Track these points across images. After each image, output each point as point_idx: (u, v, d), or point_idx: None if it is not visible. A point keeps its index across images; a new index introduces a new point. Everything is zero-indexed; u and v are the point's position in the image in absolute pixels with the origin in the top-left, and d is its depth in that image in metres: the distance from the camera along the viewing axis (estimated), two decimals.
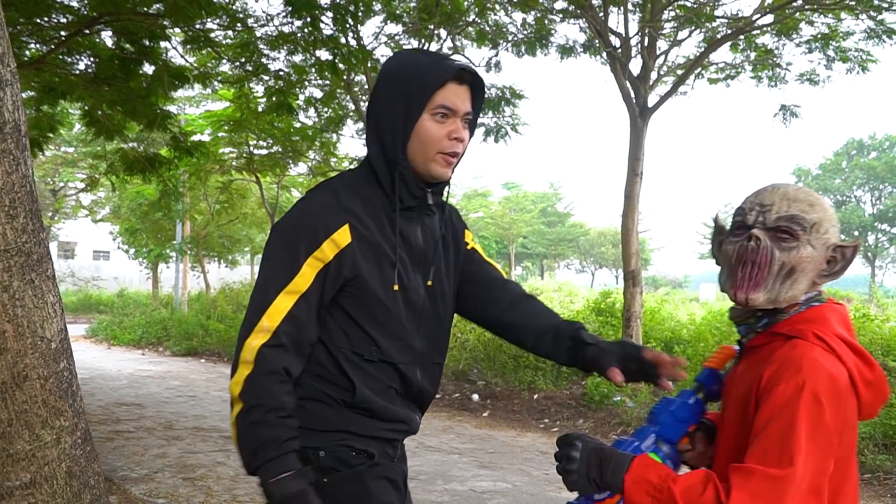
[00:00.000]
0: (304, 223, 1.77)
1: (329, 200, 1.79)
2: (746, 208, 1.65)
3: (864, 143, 51.67)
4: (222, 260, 26.05)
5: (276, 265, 1.76)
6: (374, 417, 1.84)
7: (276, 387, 1.70)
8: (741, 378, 1.63)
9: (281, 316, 1.71)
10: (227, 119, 14.34)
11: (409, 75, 1.81)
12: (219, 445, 7.64)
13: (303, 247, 1.74)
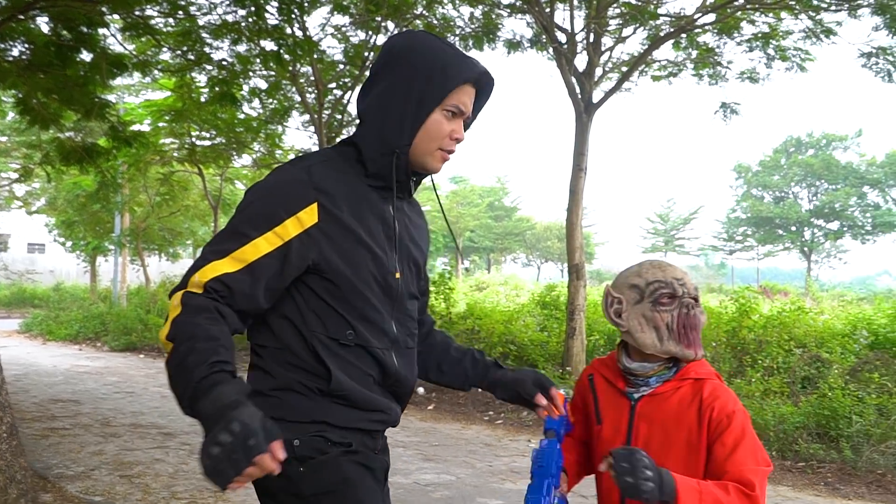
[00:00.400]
0: (270, 197, 1.70)
1: (301, 176, 1.71)
2: (669, 282, 1.92)
3: (802, 141, 53.04)
4: (163, 253, 25.60)
5: (229, 231, 1.70)
6: (351, 406, 1.75)
7: (205, 321, 1.55)
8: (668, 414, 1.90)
9: (215, 273, 1.62)
10: (168, 109, 14.06)
11: (433, 64, 1.75)
12: (157, 442, 7.50)
13: (262, 219, 1.67)
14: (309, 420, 1.72)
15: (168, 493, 5.78)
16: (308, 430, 1.71)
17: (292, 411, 1.71)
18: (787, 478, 6.68)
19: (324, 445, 1.72)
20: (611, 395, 2.01)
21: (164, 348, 1.57)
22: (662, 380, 1.93)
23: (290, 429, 1.68)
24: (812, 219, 50.63)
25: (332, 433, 1.73)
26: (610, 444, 1.92)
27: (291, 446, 1.66)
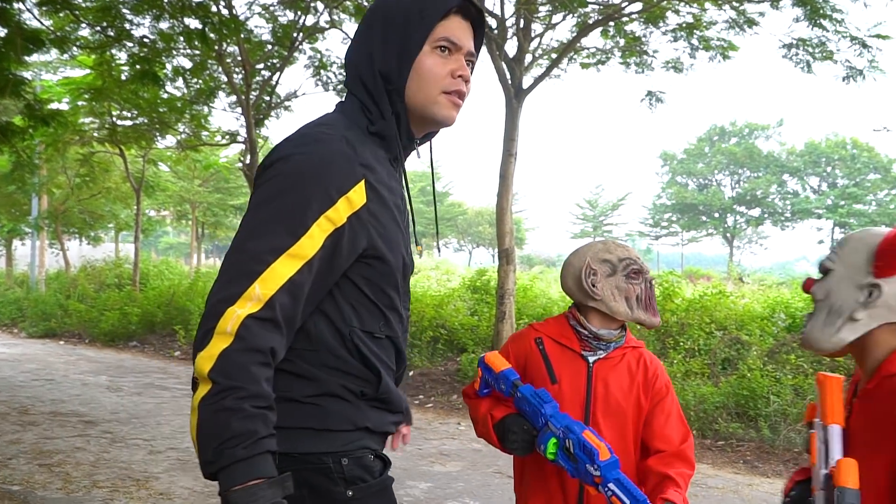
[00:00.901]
0: (319, 172, 1.43)
1: (345, 149, 1.47)
2: (635, 259, 2.19)
3: (726, 130, 54.52)
4: (84, 237, 24.81)
5: (276, 216, 1.40)
6: (385, 409, 1.59)
7: (259, 369, 1.33)
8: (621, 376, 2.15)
9: (279, 283, 1.36)
10: (88, 87, 13.59)
11: (408, 4, 1.58)
12: (78, 430, 7.31)
13: (315, 202, 1.41)
14: (353, 428, 1.52)
15: (89, 481, 5.65)
16: (352, 441, 1.52)
17: (335, 419, 1.50)
18: (706, 456, 6.88)
19: (370, 462, 1.55)
20: (566, 357, 2.17)
21: (197, 373, 1.34)
22: (617, 345, 2.19)
23: (335, 440, 1.50)
24: (734, 205, 52.15)
25: (369, 440, 1.56)
26: (570, 405, 2.10)
27: (340, 465, 1.49)
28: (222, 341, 1.32)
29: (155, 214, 29.29)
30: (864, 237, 1.67)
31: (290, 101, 13.20)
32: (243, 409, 1.30)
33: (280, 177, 1.44)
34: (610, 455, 1.82)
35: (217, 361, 1.31)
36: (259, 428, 1.31)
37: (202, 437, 1.31)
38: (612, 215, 58.09)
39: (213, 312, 1.35)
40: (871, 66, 9.61)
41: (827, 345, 1.66)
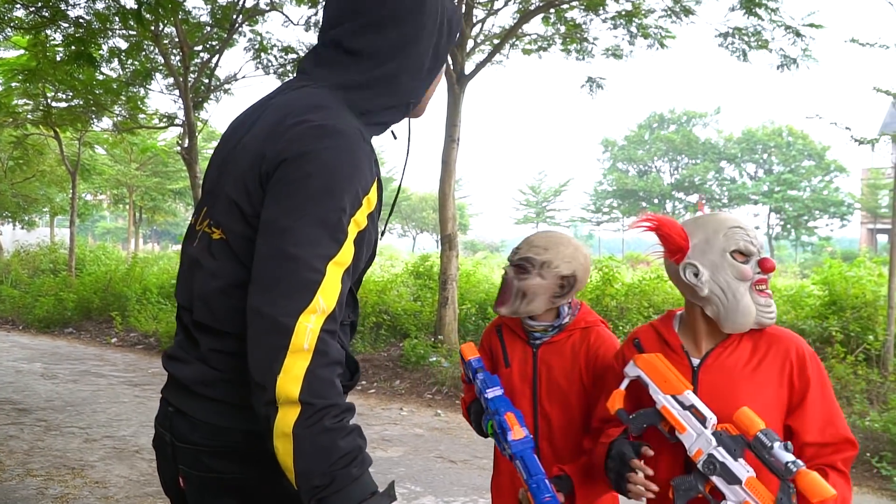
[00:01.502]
0: (350, 170, 1.36)
1: (365, 146, 1.41)
2: (513, 250, 2.29)
3: (665, 118, 55.38)
4: (17, 221, 24.14)
5: (319, 221, 1.32)
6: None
7: (339, 383, 1.30)
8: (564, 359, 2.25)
9: (337, 293, 1.31)
10: (22, 68, 13.17)
11: (447, 15, 1.59)
12: (11, 418, 7.15)
13: (348, 203, 1.34)
14: None
15: (23, 469, 5.55)
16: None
17: None
18: None
19: None
20: (517, 344, 2.34)
21: (280, 396, 1.25)
22: (553, 332, 2.28)
23: None
24: (673, 191, 53.09)
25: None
26: (520, 388, 2.28)
27: None
28: (302, 359, 1.25)
29: (91, 198, 28.64)
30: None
31: (229, 85, 12.99)
32: (345, 427, 1.27)
33: (313, 177, 1.34)
34: (524, 435, 2.02)
35: (305, 382, 1.24)
36: (361, 443, 1.30)
37: (305, 463, 1.25)
38: (554, 201, 58.63)
39: (284, 328, 1.26)
40: (804, 55, 9.87)
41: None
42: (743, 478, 1.63)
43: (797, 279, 16.10)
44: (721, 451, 1.66)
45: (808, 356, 1.81)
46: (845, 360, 7.25)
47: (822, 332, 7.93)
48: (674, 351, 1.91)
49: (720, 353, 1.85)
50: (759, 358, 1.82)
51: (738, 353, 1.84)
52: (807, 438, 1.75)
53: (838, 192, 46.54)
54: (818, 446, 1.74)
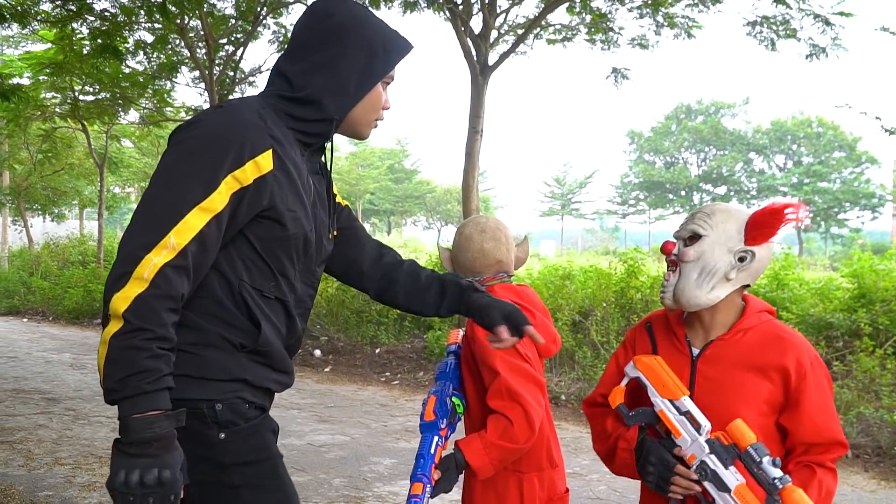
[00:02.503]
0: (231, 135, 1.58)
1: (256, 120, 1.63)
2: None
3: (692, 108, 54.83)
4: (47, 213, 24.46)
5: (189, 173, 1.54)
6: (267, 365, 1.72)
7: (169, 315, 1.49)
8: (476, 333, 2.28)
9: (192, 234, 1.51)
10: (49, 62, 13.34)
11: (377, 38, 1.78)
12: (41, 408, 7.25)
13: (227, 161, 1.56)
14: (230, 378, 1.65)
15: (51, 458, 5.62)
16: (227, 390, 1.65)
17: (212, 369, 1.64)
18: None
19: (244, 409, 1.68)
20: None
21: (112, 310, 1.47)
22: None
23: (210, 388, 1.63)
24: (701, 183, 52.59)
25: (247, 393, 1.69)
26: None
27: (214, 410, 1.63)
28: (138, 286, 1.46)
29: (119, 191, 28.92)
30: (731, 210, 1.93)
31: (254, 77, 13.05)
32: (151, 349, 1.46)
33: (195, 138, 1.59)
34: (433, 418, 2.23)
35: (132, 303, 1.45)
36: (162, 367, 1.47)
37: (109, 368, 1.46)
38: (579, 193, 58.36)
39: (131, 258, 1.48)
40: (834, 44, 9.74)
41: (704, 301, 1.87)
42: (732, 486, 1.70)
43: (826, 272, 15.91)
44: (713, 458, 1.73)
45: (809, 365, 1.83)
46: (874, 353, 7.14)
47: (850, 325, 7.81)
48: (678, 339, 1.97)
49: (720, 345, 1.90)
50: (758, 355, 1.86)
51: (739, 348, 1.88)
52: (799, 438, 1.82)
53: (869, 183, 45.87)
54: (809, 445, 1.82)
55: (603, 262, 13.10)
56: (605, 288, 9.90)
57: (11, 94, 9.56)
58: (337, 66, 1.74)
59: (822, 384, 1.84)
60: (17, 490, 4.91)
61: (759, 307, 1.95)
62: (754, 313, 1.93)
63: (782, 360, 1.83)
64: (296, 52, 1.77)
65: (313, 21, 1.78)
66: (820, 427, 1.81)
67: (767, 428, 1.84)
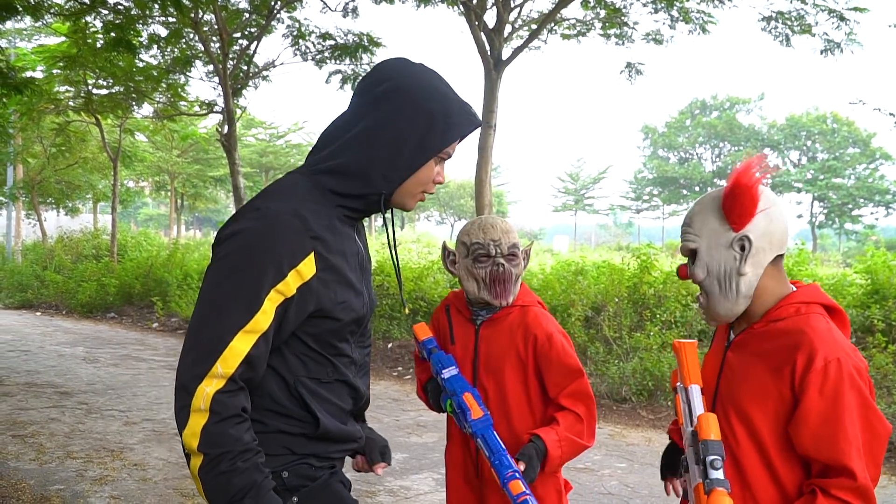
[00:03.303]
0: (269, 247, 1.55)
1: (295, 223, 1.57)
2: (485, 244, 2.36)
3: (707, 104, 54.51)
4: (61, 207, 24.58)
5: (232, 295, 1.54)
6: (331, 441, 1.77)
7: (237, 429, 1.53)
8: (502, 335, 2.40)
9: (238, 360, 1.53)
10: (63, 55, 13.38)
11: (438, 111, 1.66)
12: (53, 401, 7.28)
13: (268, 277, 1.54)
14: (292, 454, 1.71)
15: (63, 452, 5.64)
16: (291, 461, 1.71)
17: (274, 447, 1.68)
18: None
19: (311, 472, 1.73)
20: (461, 322, 2.49)
21: (187, 447, 1.53)
22: (495, 309, 2.42)
23: (275, 461, 1.67)
24: (715, 179, 52.28)
25: (313, 460, 1.74)
26: (462, 362, 2.41)
27: (281, 479, 1.68)
28: (200, 417, 1.51)
29: (133, 185, 29.03)
30: (706, 205, 1.79)
31: (268, 71, 13.05)
32: (237, 468, 1.52)
33: (233, 254, 1.57)
34: (483, 414, 2.20)
35: (201, 437, 1.51)
36: (256, 477, 1.53)
37: (212, 497, 1.54)
38: (593, 188, 58.14)
39: (186, 391, 1.52)
40: (848, 39, 9.64)
41: (739, 307, 1.77)
42: (693, 483, 1.64)
43: (840, 268, 15.79)
44: (690, 451, 1.68)
45: (822, 365, 1.58)
46: (886, 349, 7.09)
47: (863, 321, 7.76)
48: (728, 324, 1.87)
49: (750, 334, 1.77)
50: (776, 349, 1.68)
51: (763, 339, 1.72)
52: (802, 451, 1.62)
53: (884, 179, 45.48)
54: (820, 464, 1.60)
55: (616, 258, 13.05)
56: (617, 283, 9.86)
57: (24, 87, 9.57)
58: (388, 136, 1.65)
59: (836, 391, 1.57)
60: (29, 484, 4.92)
61: (807, 297, 1.74)
62: (795, 303, 1.72)
63: (793, 355, 1.62)
64: (348, 118, 1.71)
65: (372, 83, 1.70)
66: (820, 441, 1.58)
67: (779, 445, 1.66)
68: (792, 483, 1.65)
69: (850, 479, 1.54)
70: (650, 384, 7.67)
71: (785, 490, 1.65)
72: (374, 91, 1.68)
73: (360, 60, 12.20)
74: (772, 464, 1.67)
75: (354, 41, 11.95)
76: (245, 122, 32.73)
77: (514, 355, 2.38)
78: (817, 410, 1.58)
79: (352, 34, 11.99)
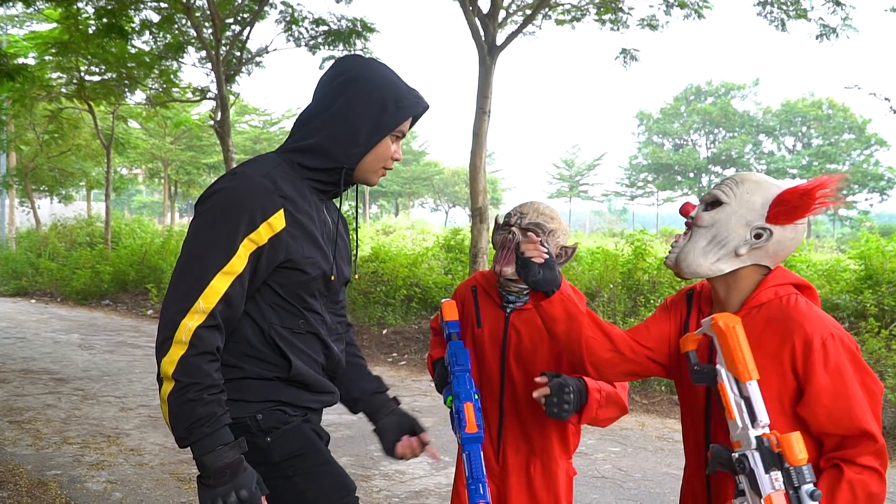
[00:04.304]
0: (243, 202, 1.78)
1: (266, 183, 1.81)
2: (511, 212, 2.37)
3: (702, 90, 54.46)
4: (54, 195, 24.50)
5: (212, 242, 1.76)
6: (304, 388, 1.94)
7: (210, 366, 1.73)
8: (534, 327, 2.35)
9: (217, 297, 1.74)
10: (55, 41, 13.30)
11: (389, 96, 1.91)
12: (49, 388, 7.29)
13: (242, 227, 1.77)
14: (265, 399, 1.88)
15: (59, 438, 5.66)
16: (266, 406, 1.89)
17: (249, 393, 1.87)
18: (674, 411, 7.00)
19: (284, 416, 1.90)
20: (490, 306, 2.44)
21: (163, 373, 1.71)
22: (527, 298, 2.37)
23: (249, 406, 1.87)
24: (710, 165, 52.33)
25: (287, 408, 1.92)
26: (490, 350, 2.40)
27: (256, 420, 1.87)
28: (180, 349, 1.70)
29: (127, 172, 28.94)
30: (762, 182, 1.77)
31: (261, 57, 12.99)
32: (202, 399, 1.71)
33: (213, 207, 1.80)
34: (477, 430, 2.19)
35: (178, 365, 1.70)
36: (216, 410, 1.72)
37: (174, 421, 1.72)
38: (588, 175, 58.17)
39: (170, 324, 1.72)
40: (844, 25, 9.63)
41: (703, 269, 1.78)
42: (765, 492, 1.56)
43: (834, 254, 15.84)
44: (756, 457, 1.58)
45: (819, 344, 1.62)
46: (879, 334, 7.13)
47: (856, 306, 7.80)
48: (703, 316, 1.88)
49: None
50: (768, 339, 1.68)
51: (749, 329, 1.70)
52: (818, 429, 1.64)
53: (878, 165, 45.60)
54: (836, 437, 1.62)
55: (610, 244, 13.07)
56: (612, 269, 9.89)
57: (17, 74, 9.53)
58: (346, 118, 1.90)
59: (838, 365, 1.62)
60: (26, 469, 4.94)
61: (779, 280, 1.77)
62: (771, 286, 1.75)
63: (789, 341, 1.64)
64: (312, 106, 1.96)
65: (330, 77, 1.96)
66: (836, 416, 1.60)
67: (790, 428, 1.65)
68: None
69: (872, 442, 1.59)
70: None
71: None
72: (334, 83, 1.94)
73: (353, 46, 12.14)
74: None
75: (348, 27, 11.90)
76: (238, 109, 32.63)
77: (548, 348, 2.35)
78: (827, 387, 1.61)
79: (345, 20, 11.93)
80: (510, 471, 2.37)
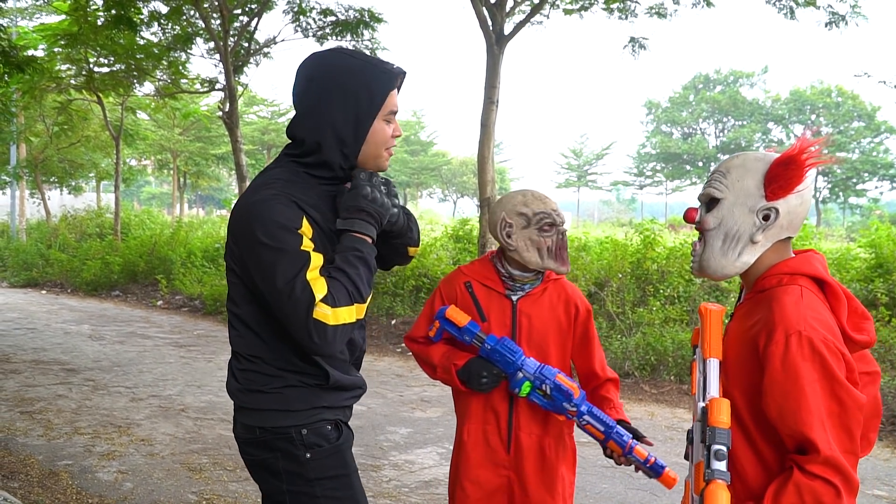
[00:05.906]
0: (279, 218, 1.80)
1: (283, 199, 1.83)
2: (549, 213, 2.41)
3: (710, 78, 54.19)
4: (64, 186, 24.59)
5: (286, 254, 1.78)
6: (341, 390, 2.00)
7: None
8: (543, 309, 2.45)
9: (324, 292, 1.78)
10: (64, 33, 13.32)
11: (356, 86, 1.90)
12: (60, 378, 7.34)
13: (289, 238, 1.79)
14: (310, 407, 1.93)
15: (70, 428, 5.70)
16: (310, 417, 1.93)
17: (295, 402, 1.92)
18: (683, 401, 7.01)
19: (327, 432, 1.95)
20: (493, 297, 2.47)
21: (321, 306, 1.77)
22: (534, 285, 2.47)
23: (296, 416, 1.92)
24: (718, 154, 52.10)
25: (327, 414, 1.96)
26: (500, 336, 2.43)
27: (301, 434, 1.91)
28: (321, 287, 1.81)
29: (136, 164, 29.01)
30: (747, 164, 1.75)
31: (269, 48, 12.98)
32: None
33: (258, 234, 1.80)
34: (580, 392, 2.29)
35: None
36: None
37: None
38: (596, 165, 58.00)
39: (305, 311, 1.77)
40: (853, 12, 9.56)
41: (731, 269, 1.74)
42: (696, 459, 1.60)
43: (844, 242, 15.77)
44: (697, 427, 1.62)
45: (780, 335, 1.55)
46: (890, 323, 7.11)
47: (866, 294, 7.78)
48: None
49: (742, 306, 1.75)
50: (750, 324, 1.66)
51: (743, 312, 1.71)
52: (773, 424, 1.58)
53: (888, 153, 45.33)
54: (787, 437, 1.56)
55: (619, 234, 13.04)
56: (620, 259, 9.88)
57: (26, 65, 9.53)
58: (329, 124, 1.90)
59: (795, 365, 1.53)
60: (37, 459, 4.98)
61: (791, 269, 1.70)
62: (776, 274, 1.70)
63: (764, 330, 1.59)
64: (296, 117, 1.97)
65: (299, 87, 1.96)
66: (783, 414, 1.54)
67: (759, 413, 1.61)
68: (775, 461, 1.62)
69: (814, 451, 1.50)
70: (653, 359, 7.71)
71: (769, 468, 1.62)
72: (302, 92, 1.94)
73: (361, 36, 12.12)
74: (754, 441, 1.63)
75: (355, 17, 11.87)
76: (247, 100, 32.63)
77: (556, 328, 2.46)
78: (779, 382, 1.54)
79: (353, 10, 11.90)
80: (524, 455, 2.40)
